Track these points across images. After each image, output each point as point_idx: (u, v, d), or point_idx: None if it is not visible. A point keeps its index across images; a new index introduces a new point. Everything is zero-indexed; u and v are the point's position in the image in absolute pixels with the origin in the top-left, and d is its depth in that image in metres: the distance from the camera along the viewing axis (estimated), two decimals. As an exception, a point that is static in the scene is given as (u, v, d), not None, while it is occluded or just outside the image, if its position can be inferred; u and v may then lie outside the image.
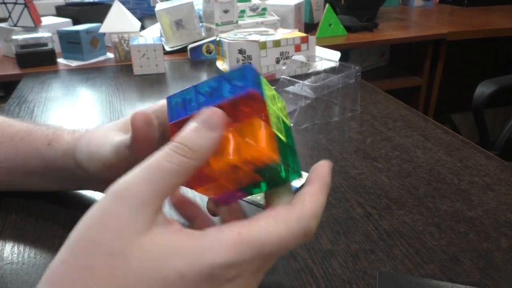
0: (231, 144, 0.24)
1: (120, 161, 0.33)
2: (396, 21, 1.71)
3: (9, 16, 1.15)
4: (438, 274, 0.36)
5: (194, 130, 0.24)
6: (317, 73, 0.80)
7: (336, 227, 0.42)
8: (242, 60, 0.89)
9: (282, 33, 0.93)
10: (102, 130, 0.37)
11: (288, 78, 0.66)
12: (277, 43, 0.88)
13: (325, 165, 0.29)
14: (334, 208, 0.45)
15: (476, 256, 0.38)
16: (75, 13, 1.29)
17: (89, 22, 1.16)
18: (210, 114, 0.24)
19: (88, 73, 1.00)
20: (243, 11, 1.26)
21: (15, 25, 1.16)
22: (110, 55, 1.15)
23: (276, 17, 1.27)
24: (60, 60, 1.10)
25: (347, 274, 0.36)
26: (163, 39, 1.17)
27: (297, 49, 0.91)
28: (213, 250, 0.22)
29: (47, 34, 1.09)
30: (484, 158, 0.55)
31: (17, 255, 0.39)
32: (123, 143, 0.33)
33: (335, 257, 0.38)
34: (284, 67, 0.85)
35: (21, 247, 0.40)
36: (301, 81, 0.66)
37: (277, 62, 0.90)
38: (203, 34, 1.19)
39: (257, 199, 0.46)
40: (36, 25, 1.15)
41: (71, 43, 1.09)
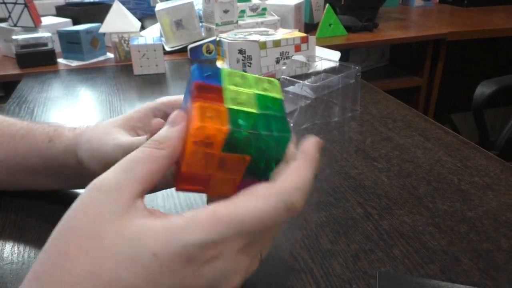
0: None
1: None
2: (396, 21, 1.71)
3: (9, 16, 1.15)
4: (438, 274, 0.36)
5: (162, 129, 0.27)
6: (317, 73, 0.80)
7: (336, 227, 0.42)
8: (242, 60, 0.89)
9: (282, 33, 0.93)
10: (102, 127, 0.38)
11: (288, 78, 0.66)
12: (277, 43, 0.88)
13: (310, 140, 0.28)
14: (334, 208, 0.45)
15: (476, 256, 0.38)
16: (75, 13, 1.29)
17: (89, 22, 1.16)
18: (173, 115, 0.27)
19: (88, 73, 1.00)
20: (243, 11, 1.26)
21: (15, 25, 1.16)
22: (110, 55, 1.15)
23: (276, 17, 1.27)
24: (60, 60, 1.10)
25: (347, 274, 0.36)
26: (163, 39, 1.17)
27: (297, 49, 0.91)
28: (187, 229, 0.22)
29: (47, 34, 1.09)
30: (484, 158, 0.55)
31: (17, 255, 0.39)
32: (134, 144, 0.33)
33: (335, 257, 0.38)
34: (284, 67, 0.85)
35: (21, 247, 0.40)
36: (301, 81, 0.66)
37: (277, 62, 0.90)
38: (203, 34, 1.19)
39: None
40: (36, 25, 1.15)
41: (71, 43, 1.09)
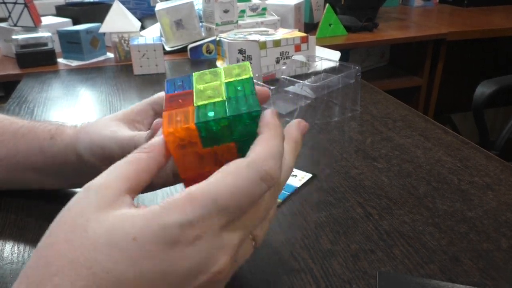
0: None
1: (124, 154, 0.34)
2: (396, 21, 1.71)
3: (9, 16, 1.15)
4: (438, 274, 0.36)
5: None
6: (317, 73, 0.80)
7: (336, 227, 0.42)
8: (242, 60, 0.89)
9: (282, 33, 0.93)
10: (102, 121, 0.38)
11: (288, 78, 0.66)
12: (277, 43, 0.88)
13: (267, 112, 0.28)
14: (334, 208, 0.45)
15: (476, 256, 0.38)
16: (75, 13, 1.29)
17: (89, 22, 1.16)
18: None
19: (88, 73, 1.00)
20: (243, 11, 1.26)
21: (15, 25, 1.16)
22: (110, 55, 1.15)
23: (276, 17, 1.27)
24: (60, 60, 1.10)
25: (347, 274, 0.36)
26: (163, 39, 1.17)
27: (297, 49, 0.91)
28: (164, 212, 0.22)
29: (47, 34, 1.09)
30: (484, 158, 0.55)
31: (17, 255, 0.39)
32: (133, 141, 0.33)
33: (335, 257, 0.38)
34: (284, 67, 0.85)
35: (21, 247, 0.40)
36: (301, 81, 0.66)
37: (277, 62, 0.90)
38: (203, 34, 1.19)
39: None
40: (36, 25, 1.15)
41: (71, 43, 1.09)
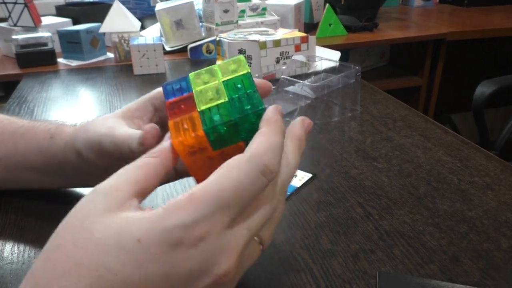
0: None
1: (119, 153, 0.34)
2: (396, 21, 1.71)
3: (9, 16, 1.15)
4: (438, 274, 0.36)
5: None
6: (317, 73, 0.80)
7: (336, 227, 0.42)
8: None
9: (282, 33, 0.93)
10: (101, 118, 0.38)
11: (288, 78, 0.66)
12: (277, 43, 0.88)
13: (269, 108, 0.28)
14: (334, 208, 0.45)
15: (476, 256, 0.38)
16: (75, 13, 1.29)
17: (89, 22, 1.16)
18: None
19: (88, 73, 1.00)
20: (243, 11, 1.26)
21: (15, 25, 1.16)
22: (110, 55, 1.15)
23: (276, 17, 1.27)
24: (60, 60, 1.10)
25: (347, 274, 0.36)
26: (163, 39, 1.17)
27: (297, 49, 0.91)
28: (168, 214, 0.22)
29: (47, 34, 1.09)
30: (484, 158, 0.55)
31: (17, 255, 0.39)
32: (126, 141, 0.33)
33: (335, 257, 0.38)
34: (284, 67, 0.85)
35: (21, 247, 0.40)
36: (301, 81, 0.66)
37: (277, 62, 0.90)
38: (203, 34, 1.19)
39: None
40: (36, 25, 1.15)
41: (71, 43, 1.09)
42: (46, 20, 1.23)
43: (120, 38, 1.07)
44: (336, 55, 1.04)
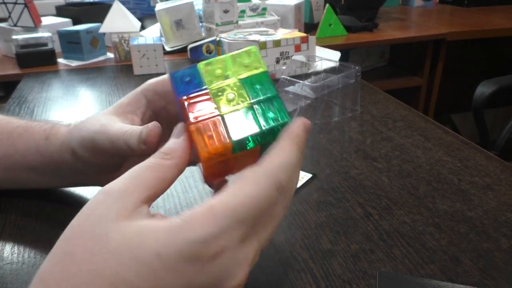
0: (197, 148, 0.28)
1: (115, 150, 0.34)
2: (396, 21, 1.71)
3: (9, 16, 1.15)
4: (438, 274, 0.36)
5: (169, 142, 0.28)
6: (317, 73, 0.80)
7: (336, 227, 0.42)
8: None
9: (282, 33, 0.93)
10: (94, 117, 0.37)
11: (288, 78, 0.66)
12: (277, 43, 0.88)
13: (296, 121, 0.28)
14: (334, 208, 0.45)
15: (476, 256, 0.38)
16: (75, 13, 1.29)
17: (89, 22, 1.16)
18: (178, 128, 0.29)
19: (88, 73, 1.00)
20: (243, 11, 1.26)
21: (15, 25, 1.16)
22: (110, 55, 1.15)
23: (276, 17, 1.27)
24: (60, 60, 1.10)
25: (347, 274, 0.36)
26: (163, 39, 1.17)
27: (297, 49, 0.91)
28: (187, 227, 0.22)
29: (47, 34, 1.09)
30: (484, 158, 0.55)
31: (17, 255, 0.39)
32: (121, 138, 0.33)
33: (335, 257, 0.38)
34: (284, 67, 0.85)
35: (21, 247, 0.40)
36: (301, 81, 0.66)
37: (277, 62, 0.90)
38: (203, 34, 1.19)
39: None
40: (36, 25, 1.15)
41: (71, 43, 1.09)
42: (46, 20, 1.23)
43: (120, 38, 1.07)
44: (336, 55, 1.04)
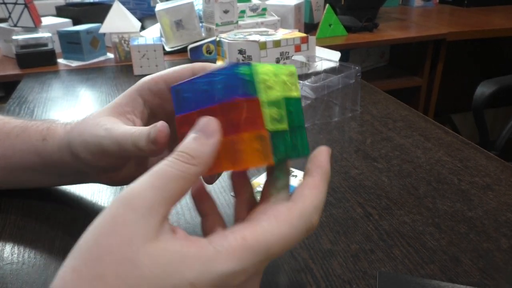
0: (229, 154, 0.26)
1: (123, 152, 0.33)
2: (396, 21, 1.71)
3: (9, 16, 1.15)
4: (438, 274, 0.36)
5: (193, 139, 0.25)
6: (317, 73, 0.80)
7: (336, 227, 0.42)
8: (242, 60, 0.89)
9: (282, 33, 0.93)
10: (92, 119, 0.37)
11: (288, 78, 0.66)
12: (277, 43, 0.88)
13: (324, 153, 0.29)
14: (334, 208, 0.45)
15: (476, 256, 0.38)
16: (75, 13, 1.29)
17: (89, 22, 1.16)
18: (206, 122, 0.26)
19: (88, 73, 1.00)
20: (243, 11, 1.26)
21: (15, 25, 1.16)
22: (110, 55, 1.15)
23: (276, 17, 1.27)
24: (60, 60, 1.10)
25: (347, 274, 0.36)
26: (163, 39, 1.17)
27: (297, 49, 0.91)
28: (221, 258, 0.22)
29: (47, 34, 1.09)
30: (484, 159, 0.55)
31: (17, 255, 0.39)
32: (129, 140, 0.32)
33: (335, 257, 0.38)
34: (284, 67, 0.84)
35: (21, 247, 0.40)
36: (301, 81, 0.66)
37: (277, 62, 0.90)
38: (203, 34, 1.19)
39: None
40: (36, 25, 1.15)
41: (71, 43, 1.09)
42: (46, 21, 1.23)
43: (120, 39, 1.07)
44: (336, 55, 1.04)
